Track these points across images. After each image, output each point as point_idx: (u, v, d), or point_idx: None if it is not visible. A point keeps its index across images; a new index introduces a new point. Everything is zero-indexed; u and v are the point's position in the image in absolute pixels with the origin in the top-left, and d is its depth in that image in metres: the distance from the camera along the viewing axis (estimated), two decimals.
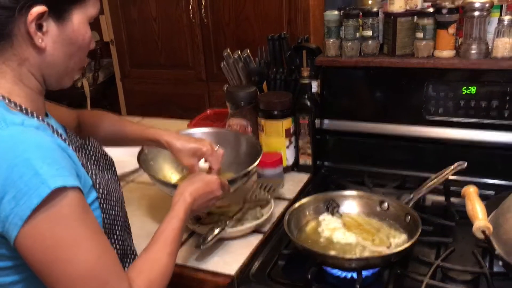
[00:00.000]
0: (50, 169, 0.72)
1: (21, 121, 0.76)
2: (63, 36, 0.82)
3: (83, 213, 0.76)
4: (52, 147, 0.76)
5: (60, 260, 0.73)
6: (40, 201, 0.70)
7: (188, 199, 0.99)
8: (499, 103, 1.30)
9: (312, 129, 1.45)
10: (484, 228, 0.90)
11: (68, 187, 0.73)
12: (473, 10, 1.26)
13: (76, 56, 0.86)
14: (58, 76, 0.87)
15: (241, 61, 1.59)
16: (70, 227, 0.74)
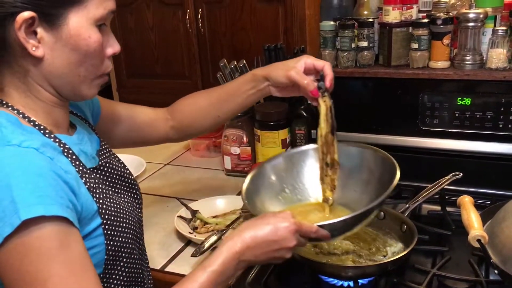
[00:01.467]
0: (29, 197, 0.68)
1: (19, 141, 0.73)
2: (61, 42, 0.77)
3: (59, 248, 0.69)
4: (40, 173, 0.71)
5: None
6: (11, 230, 0.67)
7: (237, 246, 0.80)
8: (493, 114, 1.31)
9: (308, 139, 1.46)
10: (480, 237, 0.91)
11: (48, 216, 0.68)
12: (468, 21, 1.28)
13: (85, 63, 0.80)
14: (71, 86, 0.82)
15: (237, 71, 1.60)
16: (39, 262, 0.68)
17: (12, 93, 0.81)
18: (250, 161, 1.53)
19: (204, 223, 1.26)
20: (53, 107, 0.84)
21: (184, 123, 1.17)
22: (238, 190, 1.48)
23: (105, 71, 0.85)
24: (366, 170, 1.05)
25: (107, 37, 0.84)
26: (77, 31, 0.78)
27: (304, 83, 1.01)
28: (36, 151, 0.74)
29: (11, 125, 0.76)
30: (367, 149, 1.06)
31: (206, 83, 3.06)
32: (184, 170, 1.65)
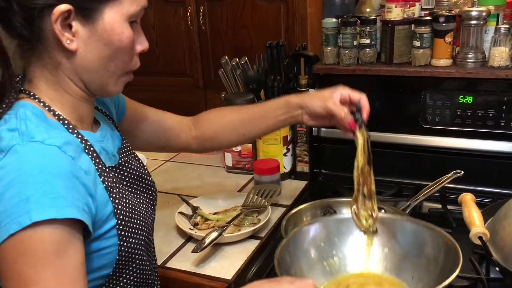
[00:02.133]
0: (43, 198, 0.68)
1: (42, 138, 0.73)
2: (96, 37, 0.78)
3: (55, 255, 0.68)
4: (58, 173, 0.71)
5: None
6: (18, 229, 0.67)
7: None
8: (495, 112, 1.31)
9: (310, 137, 1.46)
10: (481, 234, 0.90)
11: (59, 219, 0.68)
12: (470, 19, 1.28)
13: (116, 59, 0.80)
14: (99, 81, 0.82)
15: (239, 69, 1.60)
16: (32, 265, 0.67)
17: (40, 85, 0.81)
18: (251, 158, 1.53)
19: (205, 219, 1.26)
20: (80, 101, 0.84)
21: (206, 135, 1.17)
22: (239, 187, 1.48)
23: (133, 67, 0.85)
24: (423, 253, 0.94)
25: (138, 34, 0.84)
26: (111, 26, 0.78)
27: (341, 115, 1.01)
28: (59, 149, 0.73)
29: (36, 118, 0.76)
30: (426, 228, 0.95)
31: (207, 81, 3.06)
32: (185, 166, 1.65)
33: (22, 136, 0.73)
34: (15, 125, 0.74)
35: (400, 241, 0.96)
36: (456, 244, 0.87)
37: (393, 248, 0.96)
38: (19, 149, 0.71)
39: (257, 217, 1.26)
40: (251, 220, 1.25)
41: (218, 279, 1.06)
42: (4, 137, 0.73)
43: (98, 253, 0.79)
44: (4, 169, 0.70)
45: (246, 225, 1.24)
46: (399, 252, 0.95)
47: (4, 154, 0.71)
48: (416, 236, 0.95)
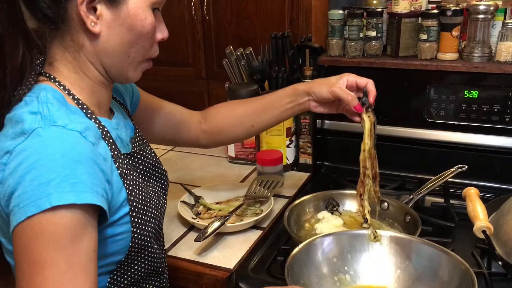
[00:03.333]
0: (64, 183, 0.69)
1: (64, 123, 0.73)
2: (119, 21, 0.78)
3: (69, 241, 0.69)
4: (79, 159, 0.71)
5: (25, 274, 0.69)
6: (37, 212, 0.67)
7: None
8: (500, 108, 1.30)
9: (313, 128, 1.46)
10: (485, 228, 0.90)
11: (78, 204, 0.69)
12: (478, 13, 1.27)
13: (137, 45, 0.81)
14: (119, 66, 0.83)
15: (243, 59, 1.59)
16: (45, 247, 0.68)
17: (61, 67, 0.82)
18: (254, 149, 1.52)
19: (207, 209, 1.26)
20: (100, 86, 0.85)
21: (216, 128, 1.17)
22: (242, 177, 1.47)
23: (153, 55, 0.86)
24: (437, 278, 0.91)
25: (159, 22, 0.84)
26: (135, 11, 0.79)
27: (348, 98, 1.03)
28: (80, 134, 0.74)
29: (57, 102, 0.76)
30: (443, 252, 0.91)
31: (210, 71, 3.05)
32: (188, 156, 1.65)
33: (45, 120, 0.73)
34: (37, 108, 0.75)
35: (414, 263, 0.94)
36: (472, 272, 0.85)
37: (406, 270, 0.94)
38: (41, 132, 0.72)
39: (259, 208, 1.26)
40: (253, 210, 1.25)
41: (220, 268, 1.06)
42: (26, 119, 0.73)
43: (112, 239, 0.80)
44: (26, 152, 0.70)
45: (248, 215, 1.23)
46: (413, 274, 0.93)
47: (26, 136, 0.72)
48: (431, 259, 0.92)
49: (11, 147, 0.72)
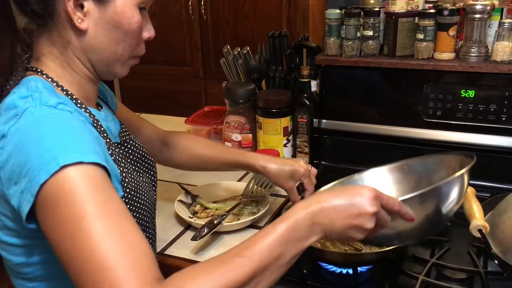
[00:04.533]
0: (67, 146, 0.69)
1: (55, 103, 0.75)
2: (106, 18, 0.80)
3: (94, 189, 0.68)
4: (77, 128, 0.73)
5: (62, 237, 0.67)
6: (48, 177, 0.67)
7: (311, 205, 0.72)
8: (497, 107, 1.30)
9: (310, 128, 1.46)
10: (481, 227, 0.91)
11: (85, 162, 0.69)
12: (474, 13, 1.27)
13: (124, 42, 0.82)
14: (106, 62, 0.84)
15: (240, 58, 1.59)
16: (73, 202, 0.67)
17: (48, 62, 0.83)
18: (251, 148, 1.52)
19: (204, 208, 1.26)
20: (87, 81, 0.86)
21: (173, 161, 1.22)
22: (239, 177, 1.47)
23: (140, 53, 0.88)
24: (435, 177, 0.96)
25: (146, 21, 0.86)
26: (122, 9, 0.81)
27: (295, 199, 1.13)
28: (71, 113, 0.76)
29: (46, 90, 0.77)
30: (434, 157, 1.00)
31: (207, 70, 3.06)
32: None
33: (36, 100, 0.74)
34: (27, 93, 0.75)
35: (411, 180, 0.99)
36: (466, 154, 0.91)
37: (403, 183, 1.02)
38: (33, 110, 0.73)
39: (256, 207, 1.26)
40: (250, 209, 1.25)
41: None
42: (18, 104, 0.74)
43: None
44: (21, 130, 0.71)
45: (245, 214, 1.24)
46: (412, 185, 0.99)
47: (19, 117, 0.72)
48: (425, 167, 1.00)
49: (5, 130, 0.72)
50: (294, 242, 0.70)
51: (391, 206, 0.75)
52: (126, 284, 0.63)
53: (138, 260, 0.66)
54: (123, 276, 0.64)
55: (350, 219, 0.72)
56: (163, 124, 1.91)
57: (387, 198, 0.74)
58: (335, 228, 0.72)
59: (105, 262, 0.65)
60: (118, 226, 0.67)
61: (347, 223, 0.72)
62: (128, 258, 0.65)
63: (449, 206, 0.83)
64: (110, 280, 0.64)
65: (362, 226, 0.73)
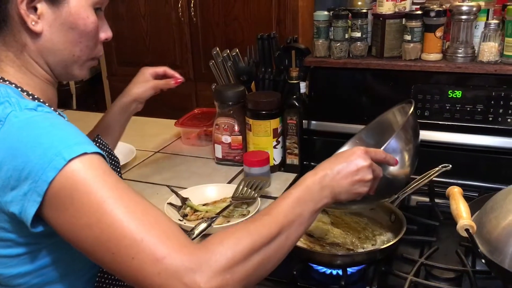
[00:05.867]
0: (66, 141, 0.70)
1: (35, 106, 0.75)
2: (61, 20, 0.80)
3: (104, 175, 0.70)
4: (66, 123, 0.75)
5: (87, 226, 0.68)
6: (56, 173, 0.67)
7: (317, 174, 0.82)
8: (484, 107, 1.32)
9: (300, 129, 1.46)
10: (468, 226, 0.91)
11: (89, 153, 0.70)
12: (461, 14, 1.29)
13: (81, 44, 0.83)
14: (64, 64, 0.84)
15: (230, 60, 1.60)
16: (89, 190, 0.68)
17: (7, 68, 0.82)
18: (241, 150, 1.52)
19: (194, 210, 1.26)
20: (48, 84, 0.86)
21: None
22: (229, 179, 1.48)
23: (97, 54, 0.88)
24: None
25: (102, 22, 0.87)
26: (77, 10, 0.81)
27: (168, 82, 1.29)
28: (50, 113, 0.76)
29: (16, 95, 0.77)
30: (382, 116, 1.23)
31: (197, 73, 3.05)
32: (175, 158, 1.64)
33: (14, 105, 0.73)
34: (2, 99, 0.74)
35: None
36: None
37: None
38: (17, 114, 0.72)
39: (246, 209, 1.27)
40: (240, 211, 1.25)
41: None
42: None
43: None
44: (10, 136, 0.70)
45: (235, 216, 1.24)
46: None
47: (2, 123, 0.72)
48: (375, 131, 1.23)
49: None
50: (309, 202, 0.79)
51: (378, 156, 0.87)
52: (166, 247, 0.66)
53: (168, 227, 0.70)
54: (161, 241, 0.67)
55: (352, 176, 0.82)
56: (152, 126, 1.92)
57: (374, 151, 0.87)
58: (342, 187, 0.82)
59: (138, 234, 0.67)
60: (138, 203, 0.70)
61: (350, 181, 0.82)
62: (158, 227, 0.68)
63: (413, 142, 1.02)
64: (150, 248, 0.66)
65: (363, 179, 0.83)
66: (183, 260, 0.66)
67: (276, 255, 0.75)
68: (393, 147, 0.95)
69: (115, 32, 3.46)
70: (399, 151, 0.97)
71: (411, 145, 1.01)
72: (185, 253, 0.67)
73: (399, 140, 0.97)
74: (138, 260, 0.66)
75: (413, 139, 1.02)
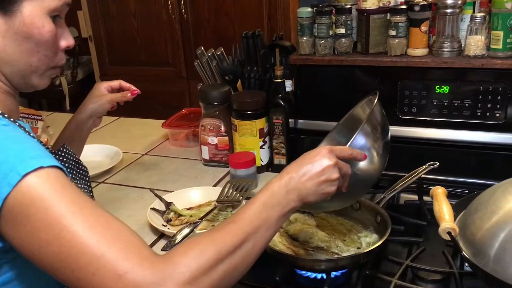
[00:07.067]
0: (22, 155, 0.68)
1: None
2: (14, 30, 0.77)
3: (62, 189, 0.68)
4: (23, 136, 0.72)
5: (45, 243, 0.66)
6: (10, 189, 0.66)
7: (282, 178, 0.81)
8: (472, 102, 1.29)
9: (286, 129, 1.44)
10: (450, 229, 0.89)
11: (45, 167, 0.68)
12: (446, 7, 1.26)
13: (38, 53, 0.80)
14: (21, 75, 0.82)
15: (214, 59, 1.57)
16: (46, 206, 0.66)
17: None
18: (228, 151, 1.50)
19: (178, 215, 1.24)
20: (6, 95, 0.83)
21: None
22: (216, 181, 1.46)
23: (58, 63, 0.85)
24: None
25: (62, 30, 0.84)
26: (30, 20, 0.78)
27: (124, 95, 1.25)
28: (7, 126, 0.73)
29: None
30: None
31: (190, 70, 3.02)
32: (162, 160, 1.62)
33: None
34: None
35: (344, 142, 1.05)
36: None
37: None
38: None
39: (231, 212, 1.24)
40: (225, 215, 1.23)
41: None
42: None
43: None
44: None
45: (220, 220, 1.22)
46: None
47: None
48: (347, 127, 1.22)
49: None
50: (275, 207, 0.78)
51: (344, 153, 0.85)
52: (128, 261, 0.65)
53: (129, 241, 0.68)
54: (122, 256, 0.65)
55: (317, 176, 0.81)
56: (140, 128, 1.90)
57: (339, 148, 0.85)
58: (309, 189, 0.81)
59: (99, 249, 0.65)
60: (98, 217, 0.68)
61: (316, 181, 0.81)
62: (119, 241, 0.67)
63: (380, 134, 1.00)
64: (110, 263, 0.65)
65: (329, 179, 0.82)
66: (145, 274, 0.64)
67: (242, 263, 0.74)
68: (360, 142, 0.94)
69: (106, 32, 3.48)
70: (367, 145, 0.95)
71: (379, 138, 0.99)
72: (147, 267, 0.65)
73: (365, 134, 0.95)
74: (99, 276, 0.64)
75: (380, 131, 1.00)
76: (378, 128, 0.99)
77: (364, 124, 0.95)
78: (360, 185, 0.98)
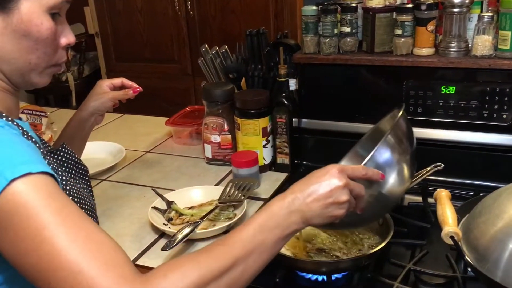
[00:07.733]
0: (11, 159, 0.67)
1: None
2: (12, 27, 0.76)
3: (48, 199, 0.66)
4: (14, 141, 0.71)
5: (26, 253, 0.65)
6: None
7: (286, 197, 0.76)
8: (478, 103, 1.27)
9: (290, 128, 1.42)
10: (453, 234, 0.88)
11: (34, 173, 0.67)
12: (453, 6, 1.23)
13: (37, 51, 0.79)
14: (20, 73, 0.81)
15: (218, 57, 1.56)
16: (29, 215, 0.65)
17: None
18: (231, 150, 1.49)
19: (179, 214, 1.23)
20: (5, 93, 0.83)
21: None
22: (218, 179, 1.45)
23: (59, 61, 0.84)
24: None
25: (62, 27, 0.83)
26: (29, 17, 0.77)
27: (126, 93, 1.23)
28: (2, 128, 0.72)
29: None
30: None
31: (195, 67, 3.01)
32: (165, 158, 1.61)
33: None
34: None
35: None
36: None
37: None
38: None
39: (233, 212, 1.23)
40: (226, 215, 1.22)
41: None
42: None
43: None
44: None
45: (221, 220, 1.21)
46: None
47: None
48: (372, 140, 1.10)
49: None
50: (274, 229, 0.73)
51: (357, 173, 0.79)
52: (105, 279, 0.63)
53: (110, 257, 0.65)
54: (99, 274, 0.63)
55: (324, 198, 0.75)
56: (144, 125, 1.89)
57: (352, 168, 0.79)
58: (314, 211, 0.75)
59: (77, 266, 0.63)
60: (81, 229, 0.66)
61: (322, 203, 0.75)
62: (100, 257, 0.64)
63: (403, 150, 0.91)
64: (87, 281, 0.63)
65: (337, 201, 0.76)
66: None
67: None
68: (378, 160, 0.85)
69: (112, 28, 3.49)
70: (386, 163, 0.86)
71: (401, 155, 0.89)
72: (125, 287, 0.63)
73: (384, 151, 0.87)
74: None
75: (403, 147, 0.91)
76: (399, 144, 0.90)
77: (382, 142, 0.87)
78: (379, 206, 0.90)
